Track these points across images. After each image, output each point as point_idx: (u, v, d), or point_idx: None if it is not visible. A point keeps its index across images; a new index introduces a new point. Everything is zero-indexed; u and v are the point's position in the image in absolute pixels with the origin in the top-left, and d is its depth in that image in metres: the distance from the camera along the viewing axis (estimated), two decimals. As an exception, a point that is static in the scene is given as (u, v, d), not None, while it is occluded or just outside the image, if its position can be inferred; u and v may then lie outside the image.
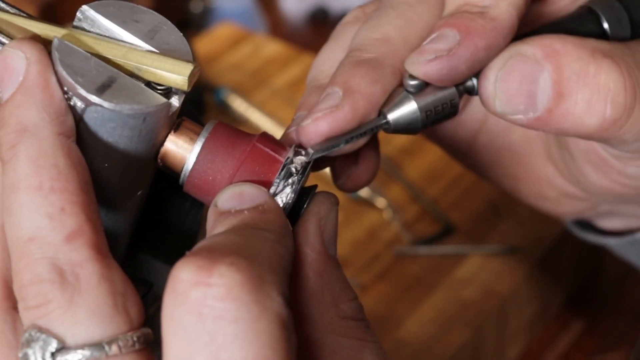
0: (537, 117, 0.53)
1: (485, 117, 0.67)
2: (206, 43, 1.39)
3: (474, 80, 0.54)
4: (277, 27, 1.78)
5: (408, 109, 0.54)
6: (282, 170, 0.51)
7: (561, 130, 0.54)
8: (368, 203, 1.12)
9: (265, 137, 0.52)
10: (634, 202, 0.65)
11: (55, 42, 0.48)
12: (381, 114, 0.54)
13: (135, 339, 0.45)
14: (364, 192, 1.11)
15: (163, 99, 0.49)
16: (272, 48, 1.39)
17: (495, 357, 0.98)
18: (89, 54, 0.48)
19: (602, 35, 0.56)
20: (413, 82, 0.53)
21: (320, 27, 1.79)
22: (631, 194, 0.62)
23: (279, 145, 0.52)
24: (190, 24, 1.70)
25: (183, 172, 0.51)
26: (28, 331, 0.45)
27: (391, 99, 0.54)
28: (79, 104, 0.47)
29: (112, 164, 0.49)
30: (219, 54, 1.37)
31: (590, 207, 0.68)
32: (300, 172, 0.51)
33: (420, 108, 0.54)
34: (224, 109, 1.27)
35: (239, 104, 1.26)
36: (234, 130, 0.52)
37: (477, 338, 0.98)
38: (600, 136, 0.54)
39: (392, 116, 0.54)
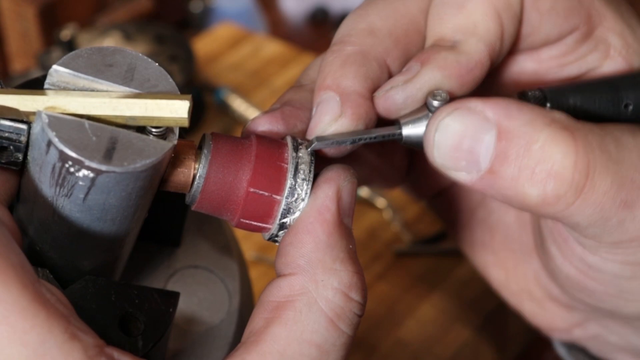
0: (480, 177, 0.51)
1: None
2: (206, 43, 1.39)
3: None
4: (277, 27, 1.78)
5: (423, 129, 0.53)
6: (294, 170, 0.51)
7: (507, 198, 0.52)
8: (368, 203, 1.11)
9: (262, 138, 0.52)
10: (609, 312, 0.61)
11: (45, 118, 0.46)
12: (397, 123, 0.54)
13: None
14: (364, 192, 1.11)
15: (168, 144, 0.48)
16: (272, 48, 1.39)
17: (495, 357, 0.98)
18: (81, 120, 0.47)
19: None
20: (436, 103, 0.52)
21: (320, 27, 1.79)
22: (598, 289, 0.59)
23: (277, 143, 0.52)
24: (190, 24, 1.70)
25: (192, 193, 0.51)
26: None
27: (412, 113, 0.53)
28: (88, 174, 0.46)
29: (125, 207, 0.49)
30: (219, 54, 1.37)
31: (577, 323, 0.65)
32: (309, 162, 0.51)
33: None
34: (224, 109, 1.27)
35: (239, 104, 1.26)
36: (230, 138, 0.52)
37: (477, 338, 0.98)
38: (547, 211, 0.52)
39: (406, 131, 0.53)
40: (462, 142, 0.51)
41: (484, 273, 0.68)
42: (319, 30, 1.78)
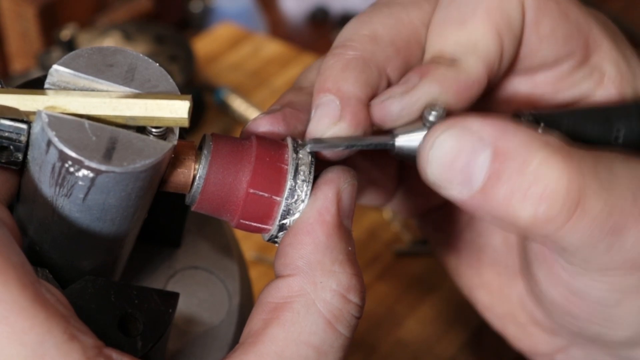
0: (471, 196, 0.51)
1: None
2: (206, 43, 1.39)
3: None
4: (277, 27, 1.78)
5: (416, 142, 0.53)
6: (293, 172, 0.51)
7: (497, 218, 0.52)
8: (368, 203, 1.11)
9: (263, 139, 0.52)
10: (593, 338, 0.60)
11: (45, 117, 0.46)
12: (391, 133, 0.53)
13: None
14: (364, 192, 1.11)
15: (168, 144, 0.47)
16: (272, 48, 1.39)
17: (495, 357, 0.98)
18: (81, 120, 0.47)
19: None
20: (432, 117, 0.52)
21: (320, 27, 1.79)
22: (582, 315, 0.58)
23: (277, 144, 0.52)
24: (190, 24, 1.70)
25: (192, 194, 0.51)
26: None
27: (407, 125, 0.53)
28: (88, 174, 0.46)
29: (125, 207, 0.49)
30: (219, 54, 1.37)
31: (559, 348, 0.65)
32: (308, 164, 0.51)
33: None
34: (224, 109, 1.27)
35: (239, 104, 1.26)
36: (231, 139, 0.52)
37: (477, 338, 0.98)
38: (536, 233, 0.52)
39: (399, 142, 0.53)
40: (456, 160, 0.51)
41: (468, 295, 0.68)
42: (319, 30, 1.78)
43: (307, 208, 0.50)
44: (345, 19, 1.79)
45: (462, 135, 0.51)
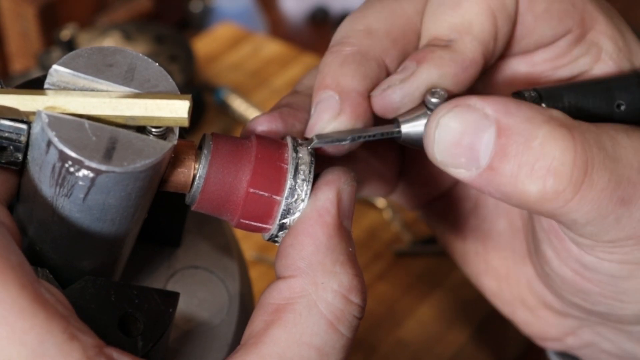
0: (479, 173, 0.51)
1: (477, 198, 0.66)
2: (206, 43, 1.39)
3: None
4: (277, 27, 1.78)
5: (421, 127, 0.53)
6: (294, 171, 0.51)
7: (505, 195, 0.52)
8: (368, 203, 1.11)
9: (263, 138, 0.52)
10: (604, 315, 0.60)
11: (45, 118, 0.46)
12: (396, 122, 0.54)
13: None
14: (364, 192, 1.11)
15: (168, 144, 0.48)
16: (272, 48, 1.39)
17: (496, 357, 0.98)
18: (81, 120, 0.47)
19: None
20: (434, 100, 0.53)
21: (320, 27, 1.79)
22: (594, 291, 0.58)
23: (277, 143, 0.52)
24: (190, 24, 1.70)
25: (192, 193, 0.51)
26: None
27: (411, 112, 0.54)
28: (88, 174, 0.46)
29: (125, 207, 0.49)
30: (219, 54, 1.37)
31: (570, 331, 0.65)
32: (309, 162, 0.51)
33: None
34: (224, 109, 1.27)
35: (239, 104, 1.26)
36: (231, 138, 0.52)
37: (477, 338, 0.98)
38: (545, 208, 0.52)
39: (405, 129, 0.53)
40: (462, 138, 0.51)
41: (476, 282, 0.68)
42: (319, 30, 1.78)
43: (308, 209, 0.50)
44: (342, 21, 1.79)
45: (466, 113, 0.51)
